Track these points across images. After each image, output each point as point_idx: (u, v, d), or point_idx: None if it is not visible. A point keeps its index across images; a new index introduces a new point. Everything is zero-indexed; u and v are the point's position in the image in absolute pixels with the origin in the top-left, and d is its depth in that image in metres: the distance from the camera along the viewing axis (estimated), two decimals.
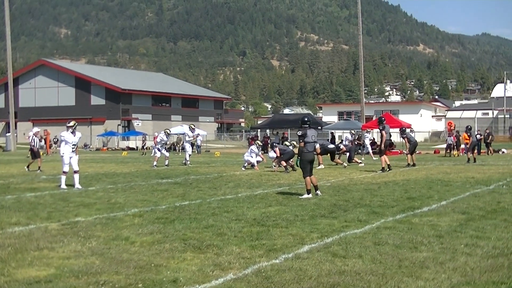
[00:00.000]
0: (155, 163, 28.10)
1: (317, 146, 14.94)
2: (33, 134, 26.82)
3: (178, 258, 7.41)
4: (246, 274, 6.56)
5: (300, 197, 13.98)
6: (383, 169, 22.85)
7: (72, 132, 17.17)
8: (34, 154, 26.30)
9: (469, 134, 30.89)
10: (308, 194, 14.03)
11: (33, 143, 26.32)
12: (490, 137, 40.71)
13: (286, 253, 7.60)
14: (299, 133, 14.31)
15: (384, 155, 23.49)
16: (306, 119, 14.67)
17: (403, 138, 27.71)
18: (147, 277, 6.46)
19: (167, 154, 29.23)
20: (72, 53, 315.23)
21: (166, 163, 28.58)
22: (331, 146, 28.83)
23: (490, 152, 39.39)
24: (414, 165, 25.78)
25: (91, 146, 73.67)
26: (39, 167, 25.43)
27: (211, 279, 6.36)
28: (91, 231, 9.44)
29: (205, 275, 6.53)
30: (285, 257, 7.40)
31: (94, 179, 20.24)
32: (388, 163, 23.40)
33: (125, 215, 11.25)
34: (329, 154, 27.74)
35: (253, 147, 26.75)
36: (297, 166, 14.98)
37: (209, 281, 6.25)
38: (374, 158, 33.49)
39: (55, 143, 56.68)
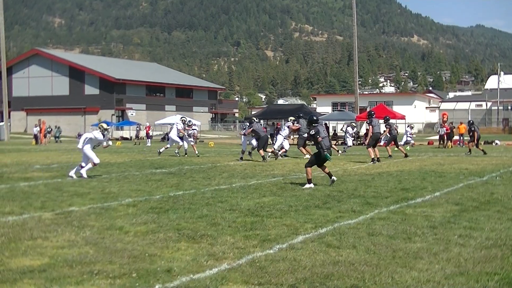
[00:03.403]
0: (177, 150, 29.26)
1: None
2: None
3: (172, 248, 7.40)
4: (240, 264, 6.55)
5: (302, 187, 13.98)
6: (373, 160, 22.84)
7: (102, 133, 17.24)
8: None
9: (473, 128, 30.34)
10: (310, 184, 14.05)
11: None
12: None
13: (280, 244, 7.59)
14: (312, 132, 14.48)
15: (372, 147, 23.38)
16: (314, 118, 14.87)
17: (386, 127, 26.99)
18: (141, 267, 6.44)
19: (181, 143, 28.99)
20: (66, 43, 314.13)
21: (176, 151, 29.33)
22: None
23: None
24: (390, 156, 25.66)
25: None
26: None
27: (205, 269, 6.35)
28: (85, 220, 9.41)
29: (199, 265, 6.52)
30: (279, 247, 7.39)
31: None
32: (378, 156, 23.36)
33: (119, 204, 11.23)
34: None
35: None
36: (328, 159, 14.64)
37: (203, 271, 6.24)
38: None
39: (49, 132, 56.55)
